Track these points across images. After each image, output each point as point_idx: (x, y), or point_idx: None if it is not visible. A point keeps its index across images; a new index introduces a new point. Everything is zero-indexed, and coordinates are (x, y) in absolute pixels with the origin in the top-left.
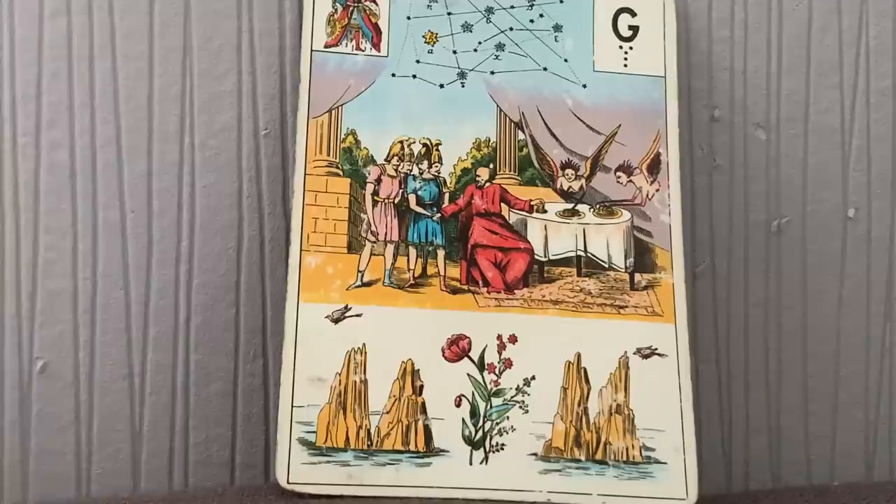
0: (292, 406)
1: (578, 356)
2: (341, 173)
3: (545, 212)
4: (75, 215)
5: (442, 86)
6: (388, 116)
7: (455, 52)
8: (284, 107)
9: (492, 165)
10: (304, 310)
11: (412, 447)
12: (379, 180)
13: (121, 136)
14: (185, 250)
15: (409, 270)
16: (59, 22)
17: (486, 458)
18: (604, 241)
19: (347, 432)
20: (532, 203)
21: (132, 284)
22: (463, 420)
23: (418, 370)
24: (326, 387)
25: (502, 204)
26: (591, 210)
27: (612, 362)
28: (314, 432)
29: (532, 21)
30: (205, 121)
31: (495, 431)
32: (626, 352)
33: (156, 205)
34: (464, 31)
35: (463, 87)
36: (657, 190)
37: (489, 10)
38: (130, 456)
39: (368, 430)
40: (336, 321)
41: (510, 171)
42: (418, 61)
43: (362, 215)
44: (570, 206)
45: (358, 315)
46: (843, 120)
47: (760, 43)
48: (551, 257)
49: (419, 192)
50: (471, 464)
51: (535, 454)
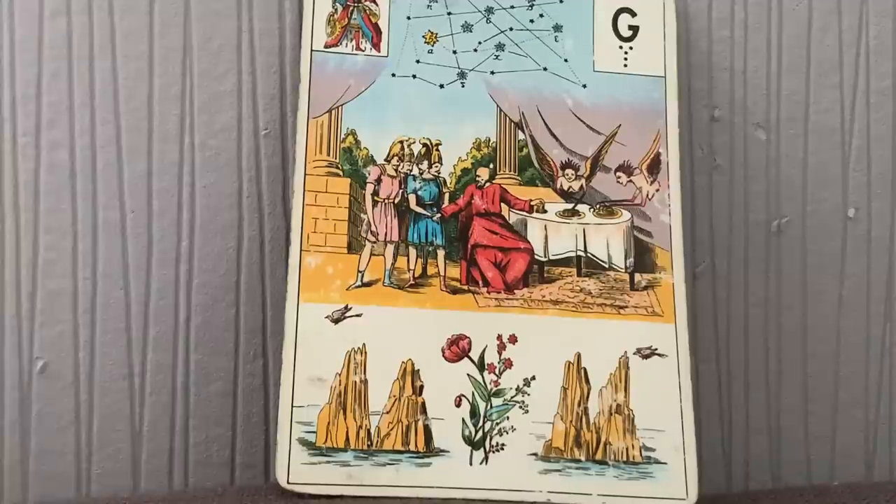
0: (292, 406)
1: (578, 356)
2: (341, 173)
3: (545, 212)
4: (75, 215)
5: (442, 86)
6: (388, 116)
7: (455, 52)
8: (284, 107)
9: (492, 165)
10: (304, 310)
11: (412, 447)
12: (379, 180)
13: (121, 136)
14: (185, 250)
15: (409, 270)
16: (59, 22)
17: (486, 458)
18: (604, 241)
19: (347, 432)
20: (532, 203)
21: (132, 284)
22: (463, 420)
23: (418, 370)
24: (326, 387)
25: (502, 204)
26: (591, 210)
27: (612, 362)
28: (314, 432)
29: (532, 21)
30: (205, 121)
31: (495, 431)
32: (626, 352)
33: (156, 205)
34: (464, 31)
35: (463, 87)
36: (657, 190)
37: (489, 10)
38: (130, 456)
39: (368, 431)
40: (336, 321)
41: (510, 171)
42: (418, 61)
43: (362, 215)
44: (570, 206)
45: (358, 315)
46: (843, 120)
47: (760, 43)
48: (551, 257)
49: (419, 193)
50: (471, 464)
51: (535, 454)
